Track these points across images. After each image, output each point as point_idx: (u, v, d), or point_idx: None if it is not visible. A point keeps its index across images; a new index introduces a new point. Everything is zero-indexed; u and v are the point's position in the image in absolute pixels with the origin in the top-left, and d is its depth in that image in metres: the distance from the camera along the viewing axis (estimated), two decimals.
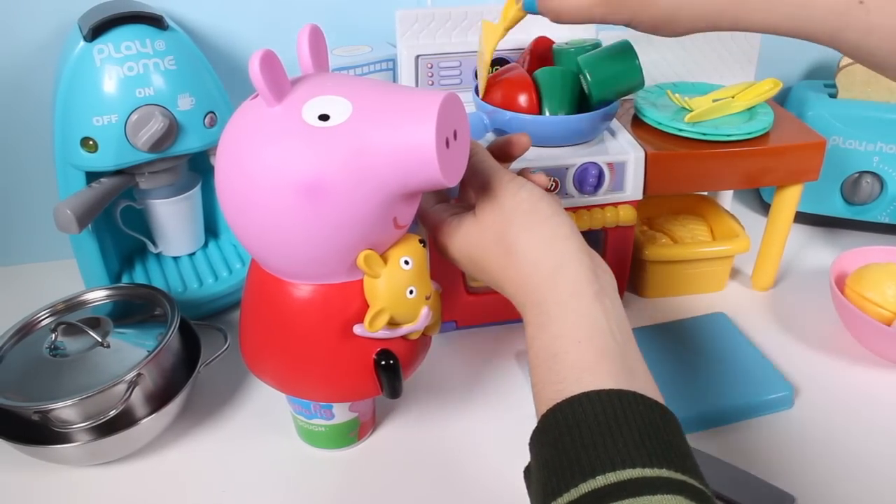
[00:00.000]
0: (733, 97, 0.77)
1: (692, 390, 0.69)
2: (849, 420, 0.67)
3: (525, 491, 0.61)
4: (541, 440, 0.43)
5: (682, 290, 0.85)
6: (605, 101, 0.70)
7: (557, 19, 0.57)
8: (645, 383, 0.43)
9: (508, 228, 0.49)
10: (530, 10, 0.60)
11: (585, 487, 0.37)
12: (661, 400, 0.42)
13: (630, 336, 0.46)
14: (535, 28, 0.76)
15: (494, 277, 0.51)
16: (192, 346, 0.70)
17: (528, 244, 0.48)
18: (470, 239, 0.52)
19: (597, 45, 0.73)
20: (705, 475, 0.40)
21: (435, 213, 0.56)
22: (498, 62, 0.79)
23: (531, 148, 0.70)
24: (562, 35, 0.76)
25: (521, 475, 0.62)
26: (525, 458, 0.63)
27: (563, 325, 0.45)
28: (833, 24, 0.51)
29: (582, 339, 0.44)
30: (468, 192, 0.57)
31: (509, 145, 0.57)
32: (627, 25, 0.55)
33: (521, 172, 0.55)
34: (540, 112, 0.69)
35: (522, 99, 0.69)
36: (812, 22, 0.51)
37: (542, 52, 0.75)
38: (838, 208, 0.95)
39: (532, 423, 0.67)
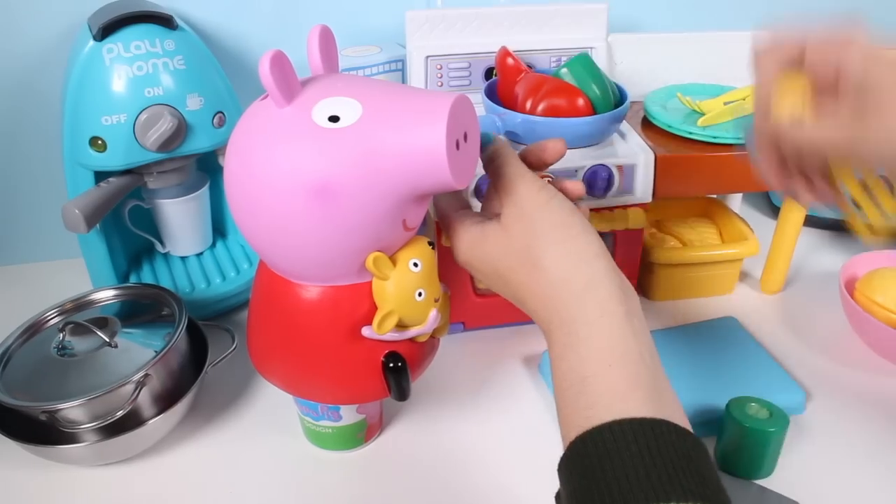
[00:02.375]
0: (744, 99, 0.77)
1: (703, 395, 0.68)
2: (860, 425, 0.67)
3: (533, 492, 0.61)
4: (570, 468, 0.41)
5: (690, 293, 0.84)
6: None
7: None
8: (674, 410, 0.41)
9: (536, 242, 0.47)
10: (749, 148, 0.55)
11: None
12: (688, 426, 0.40)
13: (658, 359, 0.44)
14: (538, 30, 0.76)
15: (517, 290, 0.49)
16: (200, 346, 0.70)
17: (557, 260, 0.46)
18: (495, 249, 0.50)
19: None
20: None
21: (457, 219, 0.54)
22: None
23: (540, 141, 0.70)
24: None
25: (528, 477, 0.62)
26: (531, 459, 0.64)
27: (592, 347, 0.43)
28: None
29: (613, 362, 0.42)
30: (493, 199, 0.55)
31: (543, 151, 0.54)
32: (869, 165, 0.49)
33: (556, 181, 0.53)
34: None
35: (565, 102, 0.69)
36: None
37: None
38: None
39: (539, 425, 0.67)
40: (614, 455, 0.38)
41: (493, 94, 0.73)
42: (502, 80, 0.72)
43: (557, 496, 0.43)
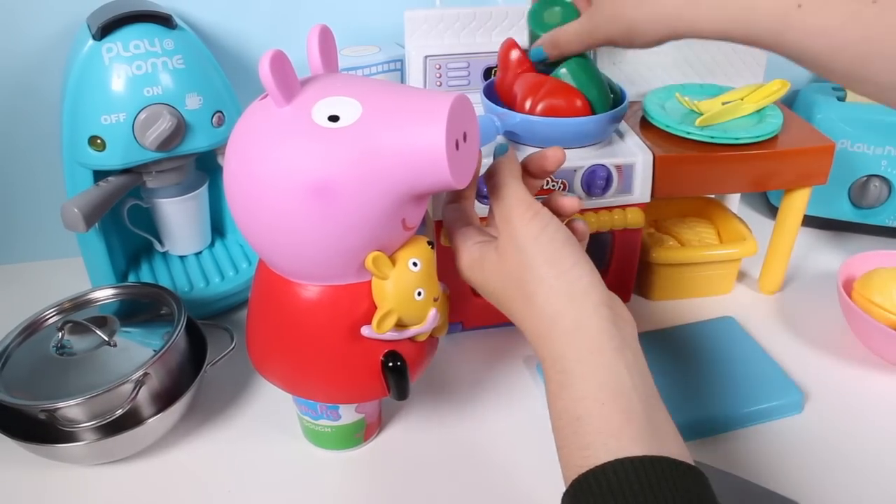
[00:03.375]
0: (742, 99, 0.77)
1: (701, 395, 0.68)
2: (858, 425, 0.67)
3: (532, 491, 0.61)
4: None
5: (688, 293, 0.84)
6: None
7: (560, 54, 0.66)
8: (672, 441, 0.41)
9: (529, 276, 0.47)
10: (538, 58, 0.68)
11: None
12: (689, 458, 0.41)
13: (654, 390, 0.44)
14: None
15: (516, 320, 0.50)
16: (199, 345, 0.70)
17: (546, 297, 0.46)
18: (493, 276, 0.50)
19: None
20: None
21: (460, 236, 0.54)
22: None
23: (539, 150, 0.70)
24: None
25: (527, 476, 0.62)
26: (530, 458, 0.64)
27: (584, 385, 0.43)
28: (775, 27, 0.51)
29: (605, 400, 0.42)
30: (494, 216, 0.55)
31: (544, 160, 0.54)
32: (612, 44, 0.61)
33: (552, 197, 0.54)
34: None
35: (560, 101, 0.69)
36: (757, 25, 0.52)
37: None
38: (846, 212, 0.94)
39: (539, 425, 0.67)
40: (617, 495, 0.38)
41: (491, 93, 0.73)
42: (503, 74, 0.71)
43: None
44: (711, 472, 0.61)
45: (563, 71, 0.68)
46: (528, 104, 0.68)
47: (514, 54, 0.70)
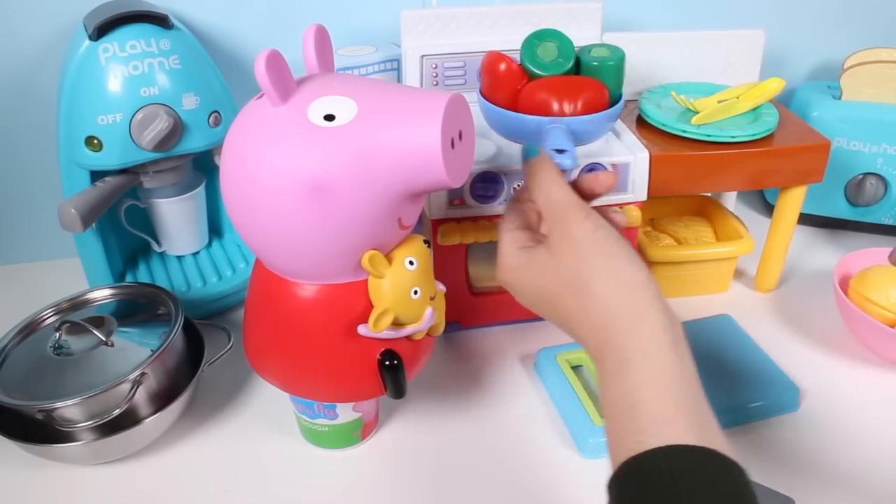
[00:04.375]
0: (738, 98, 0.77)
1: None
2: (854, 422, 0.67)
3: (530, 490, 0.61)
4: (622, 489, 0.42)
5: (685, 291, 0.85)
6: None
7: (527, 186, 0.55)
8: (719, 437, 0.42)
9: (587, 270, 0.47)
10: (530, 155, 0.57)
11: None
12: (729, 452, 0.41)
13: (700, 385, 0.45)
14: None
15: (565, 317, 0.50)
16: (196, 345, 0.70)
17: (607, 289, 0.47)
18: (542, 276, 0.50)
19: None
20: None
21: (506, 239, 0.53)
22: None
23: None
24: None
25: (525, 475, 0.62)
26: (527, 456, 0.64)
27: (643, 374, 0.44)
28: None
29: (662, 389, 0.43)
30: (529, 212, 0.55)
31: (595, 182, 0.55)
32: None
33: (601, 209, 0.53)
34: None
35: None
36: None
37: None
38: (842, 210, 0.94)
39: (534, 423, 0.67)
40: (668, 479, 0.39)
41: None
42: (496, 86, 0.69)
43: None
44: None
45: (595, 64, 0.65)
46: (568, 106, 0.67)
47: (503, 67, 0.68)
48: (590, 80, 0.66)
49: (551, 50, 0.66)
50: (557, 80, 0.66)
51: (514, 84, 0.67)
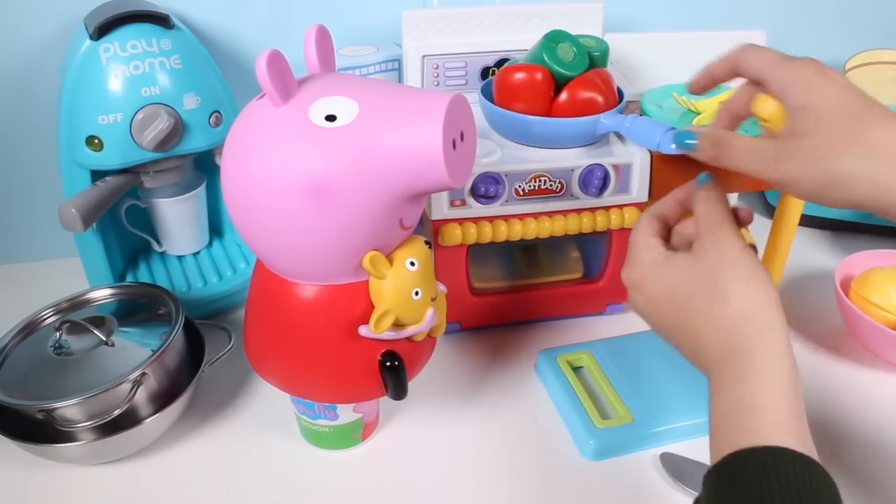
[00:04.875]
0: None
1: (699, 394, 0.68)
2: (855, 424, 0.67)
3: (529, 490, 0.61)
4: (721, 479, 0.43)
5: None
6: None
7: (719, 159, 0.53)
8: (815, 451, 0.44)
9: (728, 274, 0.49)
10: (685, 147, 0.56)
11: None
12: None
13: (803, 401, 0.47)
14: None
15: (691, 316, 0.50)
16: (197, 345, 0.70)
17: (745, 298, 0.48)
18: (678, 273, 0.51)
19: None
20: (700, 483, 0.42)
21: (643, 241, 0.55)
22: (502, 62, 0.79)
23: (537, 150, 0.70)
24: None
25: (524, 475, 0.62)
26: (528, 457, 0.64)
27: (765, 381, 0.45)
28: None
29: (779, 397, 0.45)
30: (668, 236, 0.57)
31: (736, 212, 0.56)
32: (785, 188, 0.50)
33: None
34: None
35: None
36: None
37: None
38: (843, 211, 0.94)
39: (534, 424, 0.67)
40: (772, 477, 0.40)
41: (489, 93, 0.73)
42: (531, 97, 0.69)
43: (696, 502, 0.45)
44: (702, 468, 0.61)
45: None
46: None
47: (540, 76, 0.69)
48: (603, 72, 0.68)
49: (568, 50, 0.68)
50: (590, 79, 0.69)
51: (549, 91, 0.68)
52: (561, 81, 0.68)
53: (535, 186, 0.70)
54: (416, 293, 0.53)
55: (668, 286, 0.52)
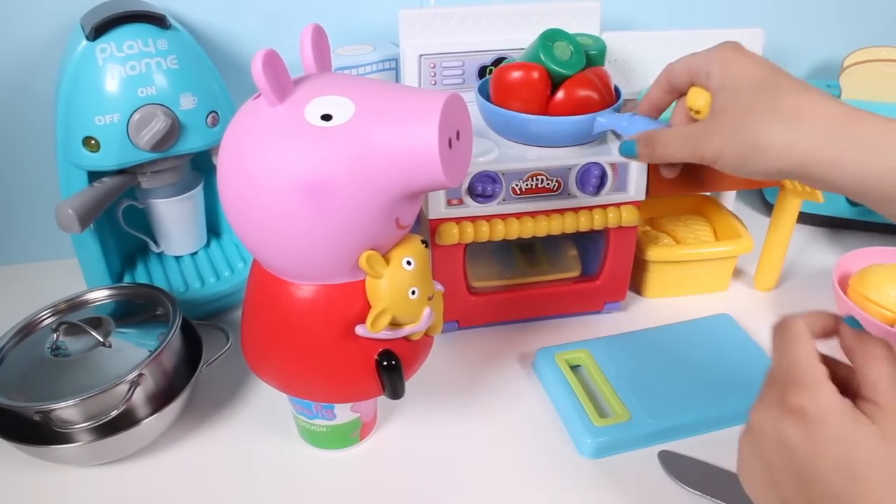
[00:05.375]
0: None
1: (697, 392, 0.68)
2: None
3: (529, 490, 0.61)
4: None
5: (684, 290, 0.84)
6: None
7: (653, 156, 0.58)
8: None
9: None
10: (628, 154, 0.60)
11: None
12: None
13: None
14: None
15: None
16: (194, 345, 0.69)
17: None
18: (868, 454, 0.40)
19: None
20: (699, 482, 0.37)
21: (813, 364, 0.48)
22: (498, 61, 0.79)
23: (534, 149, 0.70)
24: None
25: (523, 475, 0.62)
26: (526, 457, 0.64)
27: None
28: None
29: None
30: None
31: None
32: (714, 163, 0.52)
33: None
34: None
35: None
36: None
37: None
38: (842, 209, 0.94)
39: (532, 424, 0.67)
40: None
41: (485, 92, 0.73)
42: (528, 96, 0.69)
43: None
44: (706, 469, 0.61)
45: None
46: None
47: (535, 75, 0.69)
48: (600, 70, 0.68)
49: (565, 48, 0.68)
50: (587, 77, 0.68)
51: (545, 89, 0.68)
52: (558, 80, 0.68)
53: (532, 185, 0.70)
54: (413, 292, 0.53)
55: (849, 454, 0.39)
